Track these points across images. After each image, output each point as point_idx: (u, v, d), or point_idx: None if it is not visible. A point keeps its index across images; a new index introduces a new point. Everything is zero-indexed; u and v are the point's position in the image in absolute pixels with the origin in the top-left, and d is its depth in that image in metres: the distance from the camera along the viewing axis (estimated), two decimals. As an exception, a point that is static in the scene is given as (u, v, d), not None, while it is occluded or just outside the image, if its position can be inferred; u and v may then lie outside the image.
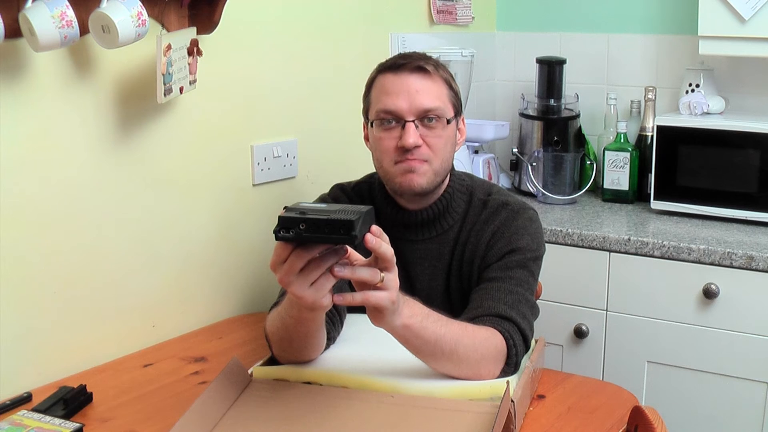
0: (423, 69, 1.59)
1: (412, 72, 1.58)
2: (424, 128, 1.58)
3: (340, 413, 1.37)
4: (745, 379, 2.12)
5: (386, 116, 1.59)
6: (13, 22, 1.49)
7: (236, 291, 2.07)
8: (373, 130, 1.62)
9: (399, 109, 1.57)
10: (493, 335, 1.47)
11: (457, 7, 2.76)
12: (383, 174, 1.64)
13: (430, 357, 1.42)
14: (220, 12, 1.84)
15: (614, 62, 2.80)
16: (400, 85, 1.58)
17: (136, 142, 1.80)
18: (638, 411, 1.35)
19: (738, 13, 2.27)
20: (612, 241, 2.25)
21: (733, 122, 2.35)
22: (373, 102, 1.62)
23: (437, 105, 1.58)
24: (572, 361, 2.33)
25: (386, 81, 1.60)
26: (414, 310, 1.36)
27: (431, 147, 1.59)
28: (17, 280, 1.60)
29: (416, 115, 1.57)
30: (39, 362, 1.65)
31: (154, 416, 1.49)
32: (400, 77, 1.59)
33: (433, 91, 1.59)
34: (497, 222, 1.65)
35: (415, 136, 1.57)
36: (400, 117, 1.58)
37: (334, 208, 1.20)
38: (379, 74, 1.63)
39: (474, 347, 1.43)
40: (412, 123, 1.57)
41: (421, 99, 1.57)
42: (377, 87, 1.62)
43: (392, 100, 1.58)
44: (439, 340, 1.39)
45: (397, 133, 1.58)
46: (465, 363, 1.43)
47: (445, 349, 1.40)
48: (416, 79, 1.58)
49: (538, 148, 2.72)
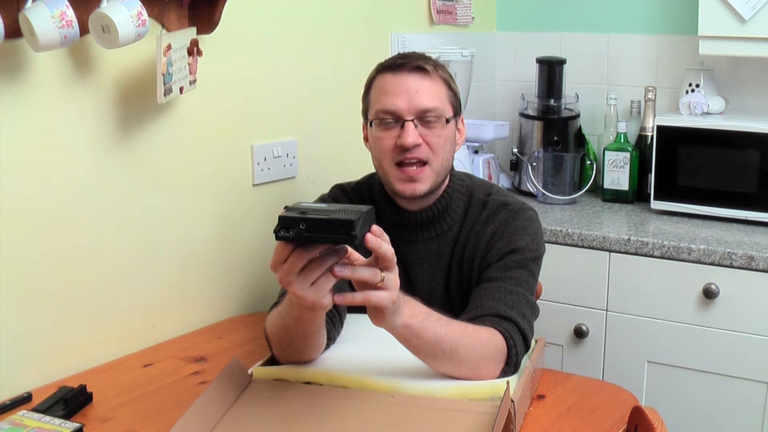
0: (422, 69, 1.59)
1: (411, 72, 1.59)
2: (423, 127, 1.58)
3: (340, 413, 1.37)
4: (745, 379, 2.12)
5: (385, 116, 1.59)
6: (13, 22, 1.49)
7: (236, 291, 2.07)
8: (372, 129, 1.63)
9: (398, 108, 1.58)
10: (494, 335, 1.47)
11: (457, 7, 2.76)
12: (383, 174, 1.64)
13: (430, 357, 1.42)
14: (220, 12, 1.84)
15: (614, 62, 2.80)
16: (399, 84, 1.58)
17: (136, 142, 1.80)
18: (638, 411, 1.35)
19: (738, 13, 2.27)
20: (612, 241, 2.25)
21: (733, 122, 2.35)
22: (373, 102, 1.63)
23: (436, 105, 1.59)
24: (572, 361, 2.33)
25: (385, 81, 1.61)
26: (415, 310, 1.36)
27: (431, 146, 1.59)
28: (17, 280, 1.60)
29: (415, 115, 1.58)
30: (39, 362, 1.65)
31: (154, 416, 1.49)
32: (399, 77, 1.59)
33: (432, 91, 1.59)
34: (497, 222, 1.65)
35: (414, 136, 1.57)
36: (399, 116, 1.58)
37: (335, 208, 1.20)
38: (378, 74, 1.64)
39: (474, 347, 1.43)
40: (411, 122, 1.57)
41: (420, 99, 1.57)
42: (376, 87, 1.62)
43: (391, 100, 1.58)
44: (440, 340, 1.39)
45: (397, 133, 1.59)
46: (465, 363, 1.43)
47: (445, 349, 1.40)
48: (415, 79, 1.59)
49: (538, 148, 2.72)
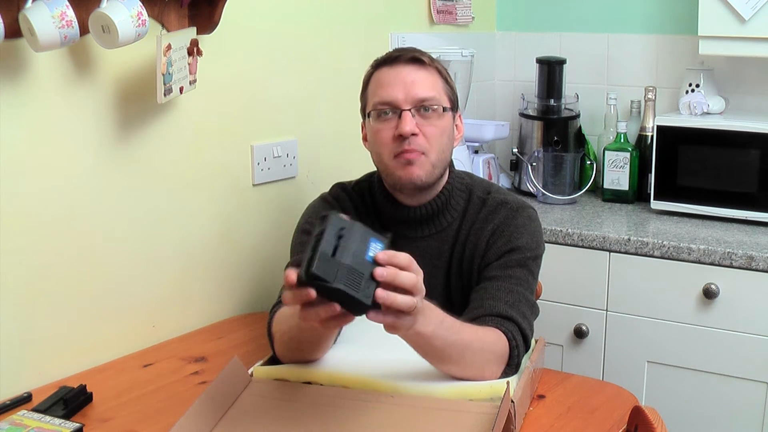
0: (418, 60, 1.61)
1: (407, 63, 1.61)
2: (420, 117, 1.59)
3: (340, 413, 1.37)
4: (745, 379, 2.12)
5: (383, 107, 1.60)
6: (13, 22, 1.49)
7: (236, 291, 2.07)
8: (370, 122, 1.63)
9: (395, 99, 1.59)
10: (499, 338, 1.48)
11: (457, 7, 2.76)
12: (383, 168, 1.65)
13: (437, 361, 1.43)
14: (220, 12, 1.84)
15: (614, 62, 2.80)
16: (395, 76, 1.60)
17: (136, 141, 1.80)
18: (638, 411, 1.35)
19: (738, 13, 2.27)
20: (612, 241, 2.25)
21: (733, 122, 2.35)
22: (370, 96, 1.64)
23: (432, 94, 1.60)
24: (572, 361, 2.33)
25: (382, 74, 1.63)
26: (430, 318, 1.35)
27: (427, 137, 1.60)
28: (17, 281, 1.60)
29: (412, 104, 1.59)
30: (39, 362, 1.65)
31: (154, 416, 1.49)
32: (396, 69, 1.61)
33: (428, 81, 1.61)
34: (497, 220, 1.65)
35: (411, 124, 1.57)
36: (396, 106, 1.59)
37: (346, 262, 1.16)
38: (374, 70, 1.65)
39: (482, 351, 1.44)
40: (408, 111, 1.58)
41: (417, 89, 1.59)
42: (374, 82, 1.64)
43: (387, 92, 1.60)
44: (449, 347, 1.39)
45: (394, 124, 1.59)
46: (470, 366, 1.43)
47: (453, 355, 1.41)
48: (411, 70, 1.60)
49: (538, 148, 2.72)
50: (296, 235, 1.71)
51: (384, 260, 1.20)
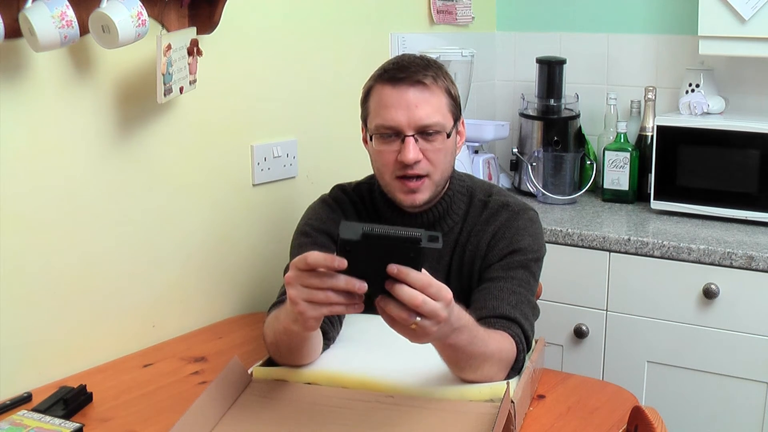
0: (421, 83, 1.56)
1: (411, 86, 1.56)
2: (423, 142, 1.57)
3: (340, 413, 1.37)
4: (745, 379, 2.12)
5: (386, 131, 1.58)
6: (13, 22, 1.49)
7: (236, 291, 2.08)
8: (372, 143, 1.61)
9: (398, 124, 1.56)
10: (511, 346, 1.47)
11: (457, 7, 2.76)
12: (384, 185, 1.64)
13: (458, 368, 1.42)
14: (220, 12, 1.84)
15: (614, 62, 2.80)
16: (398, 98, 1.56)
17: (136, 142, 1.80)
18: (638, 411, 1.35)
19: (738, 13, 2.27)
20: (612, 241, 2.25)
21: (733, 122, 2.35)
22: (372, 114, 1.61)
23: (436, 120, 1.57)
24: (572, 361, 2.33)
25: (384, 94, 1.58)
26: (462, 331, 1.33)
27: (431, 161, 1.58)
28: (17, 281, 1.60)
29: (415, 130, 1.56)
30: (39, 362, 1.65)
31: (154, 416, 1.49)
32: (399, 91, 1.56)
33: (432, 104, 1.57)
34: (498, 223, 1.65)
35: (415, 151, 1.55)
36: (399, 131, 1.56)
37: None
38: (377, 84, 1.60)
39: (499, 361, 1.43)
40: (411, 138, 1.56)
41: (420, 114, 1.55)
42: (375, 98, 1.60)
43: (391, 115, 1.56)
44: (473, 358, 1.38)
45: (397, 147, 1.57)
46: (486, 374, 1.42)
47: (474, 365, 1.40)
48: (415, 93, 1.56)
49: (538, 148, 2.72)
50: (296, 236, 1.71)
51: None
